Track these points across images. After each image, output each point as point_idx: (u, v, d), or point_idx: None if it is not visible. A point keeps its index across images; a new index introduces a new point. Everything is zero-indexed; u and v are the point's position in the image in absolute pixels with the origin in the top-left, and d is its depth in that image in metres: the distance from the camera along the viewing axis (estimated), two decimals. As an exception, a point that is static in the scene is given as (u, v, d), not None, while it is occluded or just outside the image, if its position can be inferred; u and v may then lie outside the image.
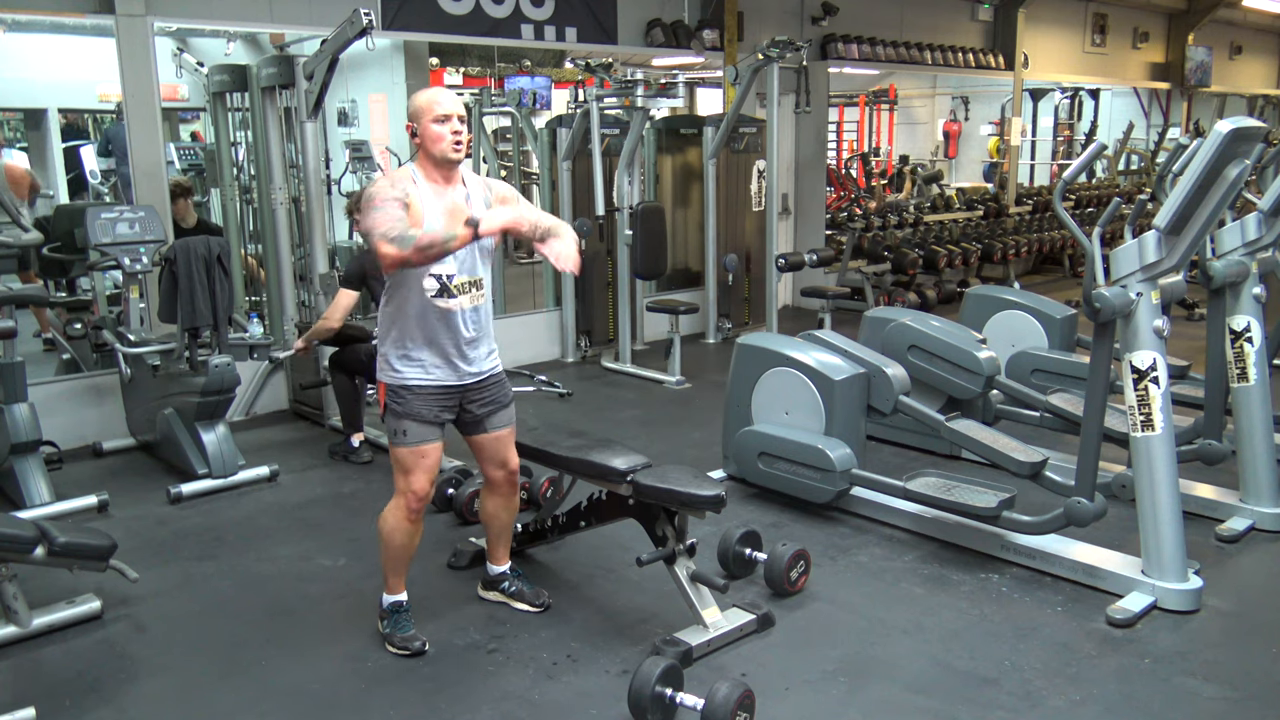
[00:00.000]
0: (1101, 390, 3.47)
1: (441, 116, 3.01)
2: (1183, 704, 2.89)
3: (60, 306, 6.45)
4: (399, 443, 3.12)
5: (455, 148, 3.03)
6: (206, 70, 6.86)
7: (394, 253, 2.81)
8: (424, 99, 3.05)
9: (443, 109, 3.02)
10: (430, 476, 3.16)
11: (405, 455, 3.12)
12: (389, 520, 3.18)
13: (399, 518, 3.16)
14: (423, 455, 3.12)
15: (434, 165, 3.06)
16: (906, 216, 9.50)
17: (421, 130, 3.03)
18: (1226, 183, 3.27)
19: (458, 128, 3.03)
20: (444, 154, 3.03)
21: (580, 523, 3.58)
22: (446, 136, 3.01)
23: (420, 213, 2.98)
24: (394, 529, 3.17)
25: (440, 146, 3.02)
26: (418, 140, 3.05)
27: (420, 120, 3.03)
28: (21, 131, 7.95)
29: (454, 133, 3.02)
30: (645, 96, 6.61)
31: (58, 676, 3.12)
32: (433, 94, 3.08)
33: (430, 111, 3.01)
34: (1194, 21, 12.76)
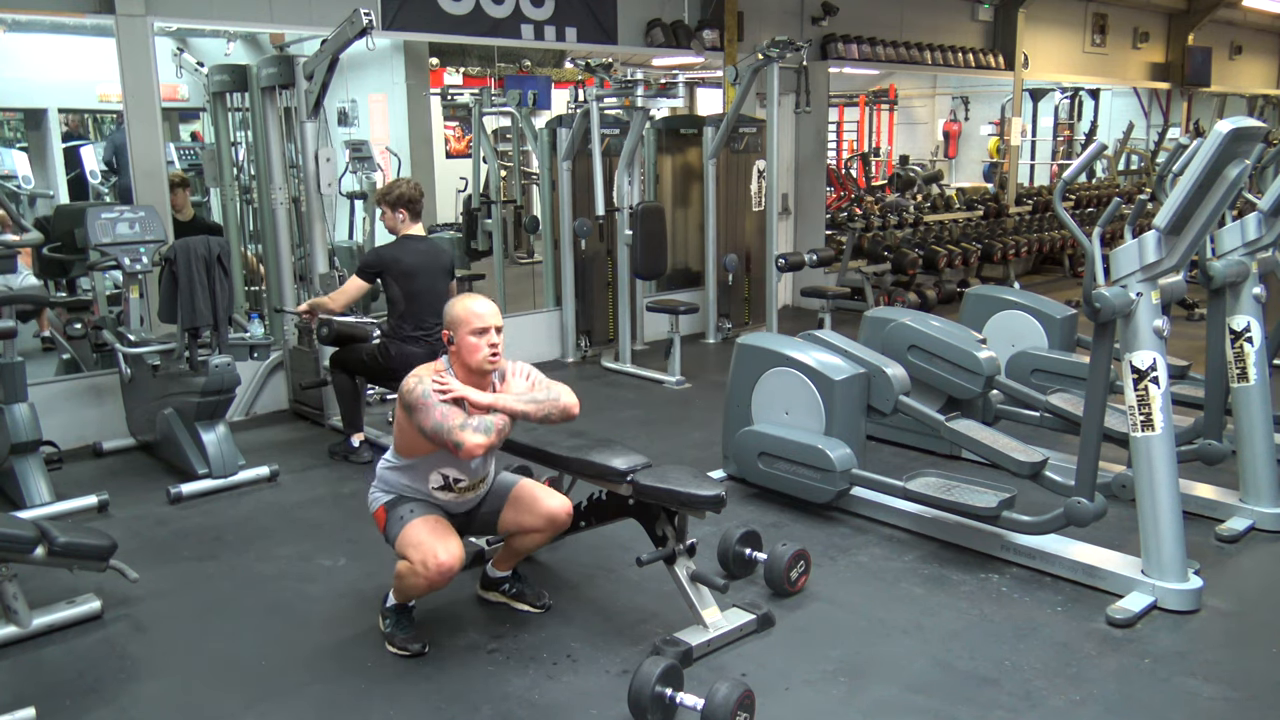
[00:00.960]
0: (1101, 390, 3.47)
1: (480, 329, 3.03)
2: (1183, 704, 2.89)
3: (60, 306, 6.45)
4: (405, 523, 3.07)
5: (492, 360, 3.06)
6: (206, 70, 6.86)
7: (485, 441, 2.91)
8: (461, 310, 3.06)
9: (481, 322, 3.03)
10: (450, 548, 3.01)
11: (418, 529, 3.06)
12: (406, 578, 3.08)
13: (418, 584, 3.05)
14: (435, 523, 3.09)
15: (468, 372, 3.08)
16: (906, 216, 9.49)
17: (459, 340, 3.05)
18: (1226, 183, 3.27)
19: (495, 340, 3.05)
20: (480, 365, 3.06)
21: (580, 523, 3.58)
22: (484, 349, 3.04)
23: None
24: (410, 587, 3.10)
25: (477, 358, 3.04)
26: (454, 348, 3.07)
27: (457, 330, 3.05)
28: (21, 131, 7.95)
29: (491, 345, 3.04)
30: (645, 96, 6.61)
31: (58, 676, 3.12)
32: (470, 305, 3.07)
33: (469, 323, 3.03)
34: (1194, 21, 12.76)
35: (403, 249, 4.73)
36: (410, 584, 3.07)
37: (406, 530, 3.07)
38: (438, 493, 3.19)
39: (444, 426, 2.90)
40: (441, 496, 3.20)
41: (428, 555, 2.99)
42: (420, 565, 2.99)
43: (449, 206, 8.96)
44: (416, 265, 4.70)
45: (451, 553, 3.01)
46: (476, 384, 3.08)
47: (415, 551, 3.02)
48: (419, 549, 3.01)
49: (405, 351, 4.63)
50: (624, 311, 7.17)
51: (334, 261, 6.16)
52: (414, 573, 3.02)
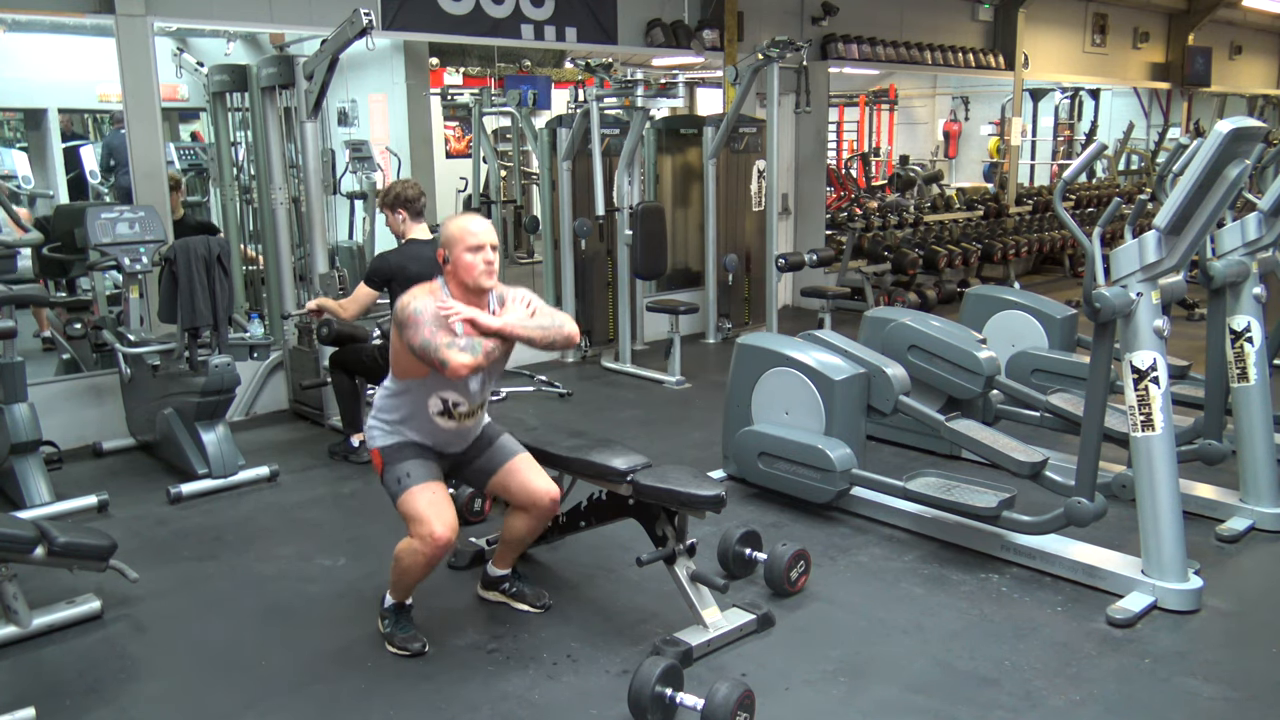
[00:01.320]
0: (1101, 390, 3.47)
1: (475, 246, 3.03)
2: (1183, 704, 2.89)
3: (60, 306, 6.45)
4: (404, 488, 3.08)
5: (487, 275, 3.06)
6: (206, 70, 6.86)
7: (469, 361, 2.91)
8: (455, 228, 3.06)
9: (476, 239, 3.03)
10: (448, 522, 3.04)
11: (413, 497, 3.07)
12: (405, 558, 3.10)
13: (417, 562, 3.07)
14: (432, 492, 3.09)
15: (464, 291, 3.08)
16: (906, 216, 9.49)
17: (454, 258, 3.05)
18: (1226, 183, 3.27)
19: (490, 257, 3.05)
20: (477, 282, 3.05)
21: (580, 523, 3.58)
22: (479, 265, 3.04)
23: None
24: (409, 568, 3.11)
25: (474, 275, 3.04)
26: (449, 267, 3.07)
27: (452, 249, 3.05)
28: (21, 131, 7.95)
29: (486, 261, 3.04)
30: (645, 96, 6.61)
31: (58, 676, 3.12)
32: (464, 223, 3.08)
33: (463, 241, 3.03)
34: (1194, 21, 12.76)
35: (408, 256, 4.62)
36: (409, 563, 3.09)
37: (407, 497, 3.08)
38: (439, 420, 3.14)
39: (431, 344, 2.91)
40: (442, 424, 3.15)
41: (427, 531, 3.01)
42: (419, 541, 3.03)
43: (449, 207, 8.96)
44: (423, 272, 4.54)
45: (448, 524, 3.04)
46: (473, 304, 3.07)
47: (416, 526, 3.04)
48: (420, 523, 3.03)
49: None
50: (624, 311, 7.17)
51: (334, 261, 6.16)
52: (413, 550, 3.05)
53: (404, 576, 3.15)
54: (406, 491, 3.08)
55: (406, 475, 3.10)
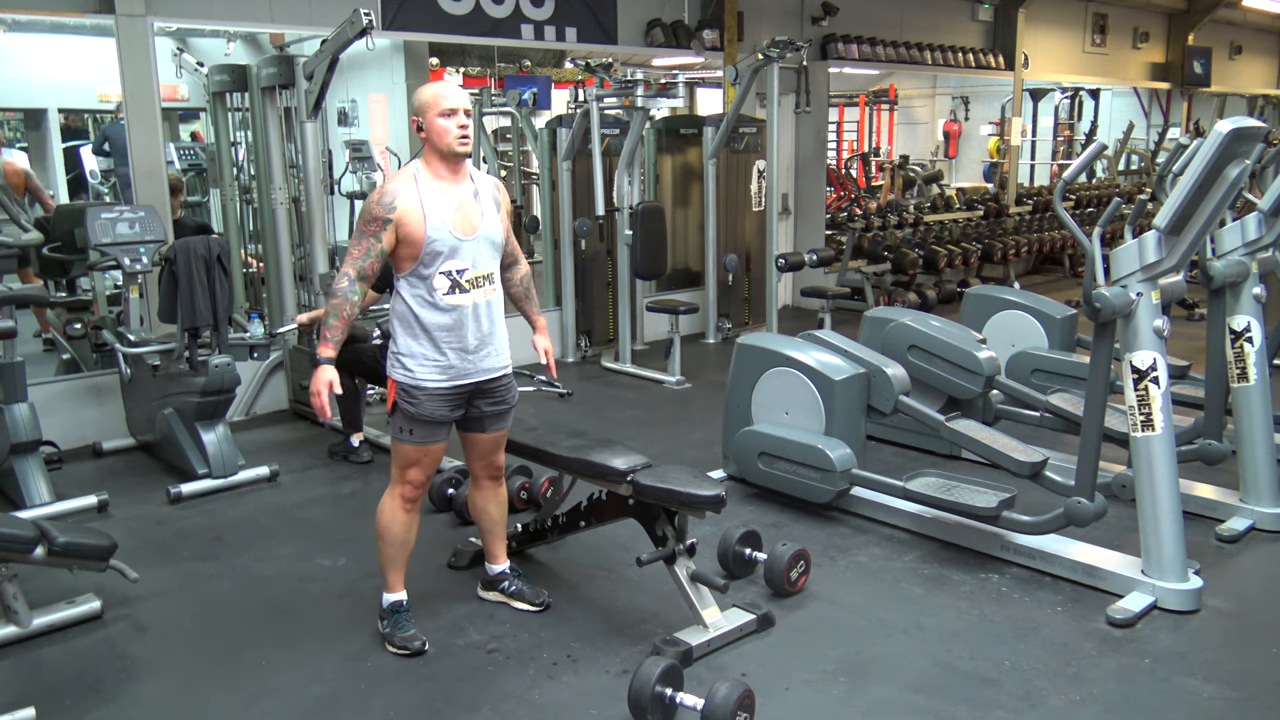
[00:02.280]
0: (1101, 390, 3.47)
1: (448, 110, 3.01)
2: (1183, 704, 2.89)
3: (60, 306, 6.46)
4: (403, 440, 3.14)
5: (462, 141, 3.03)
6: (206, 70, 6.86)
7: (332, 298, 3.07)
8: (429, 93, 3.05)
9: (449, 103, 3.02)
10: (429, 472, 3.22)
11: (408, 451, 3.15)
12: (385, 512, 3.21)
13: (394, 507, 3.19)
14: (425, 453, 3.16)
15: (440, 160, 3.06)
16: (906, 216, 9.49)
17: (427, 124, 3.02)
18: (1226, 183, 3.27)
19: (464, 121, 3.03)
20: (450, 147, 3.02)
21: (580, 523, 3.58)
22: (453, 130, 3.01)
23: (420, 215, 2.98)
24: (390, 520, 3.20)
25: (447, 140, 3.01)
26: (424, 135, 3.05)
27: (426, 114, 3.02)
28: (21, 131, 7.95)
29: (460, 126, 3.02)
30: (645, 96, 6.61)
31: (58, 676, 3.12)
32: (438, 88, 3.08)
33: (436, 105, 3.01)
34: (1194, 21, 12.76)
35: None
36: (388, 520, 3.18)
37: (401, 446, 3.15)
38: (451, 298, 3.04)
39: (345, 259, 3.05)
40: (457, 302, 3.05)
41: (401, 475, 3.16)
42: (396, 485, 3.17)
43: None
44: None
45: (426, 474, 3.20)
46: (450, 170, 3.05)
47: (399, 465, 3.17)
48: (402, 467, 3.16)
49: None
50: (624, 311, 7.17)
51: (334, 261, 6.16)
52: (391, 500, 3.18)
53: (387, 532, 3.20)
54: (404, 443, 3.15)
55: (409, 432, 3.13)
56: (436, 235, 2.99)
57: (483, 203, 3.11)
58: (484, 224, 3.09)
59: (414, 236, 2.99)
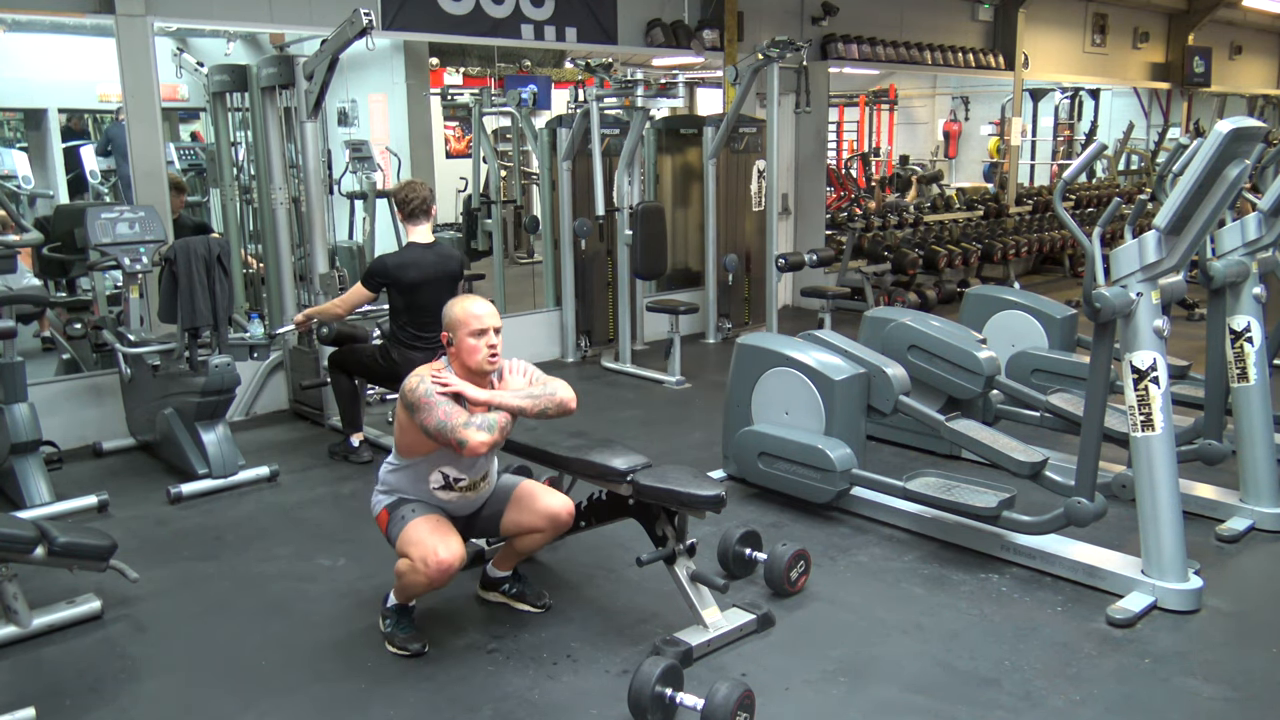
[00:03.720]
0: (1101, 390, 3.47)
1: (478, 330, 3.04)
2: (1183, 704, 2.89)
3: (60, 306, 6.45)
4: (406, 522, 3.08)
5: (491, 361, 3.07)
6: (206, 70, 6.86)
7: (489, 439, 2.92)
8: (460, 311, 3.06)
9: (480, 324, 3.04)
10: (449, 544, 3.02)
11: (414, 526, 3.07)
12: (405, 576, 3.08)
13: (417, 581, 3.05)
14: (436, 523, 3.09)
15: (468, 373, 3.09)
16: (906, 216, 9.49)
17: (457, 341, 3.06)
18: (1226, 183, 3.27)
19: (494, 341, 3.06)
20: (480, 367, 3.07)
21: (580, 523, 3.57)
22: (483, 350, 3.05)
23: None
24: (410, 584, 3.09)
25: (476, 359, 3.05)
26: (453, 350, 3.08)
27: (456, 332, 3.06)
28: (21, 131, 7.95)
29: (490, 346, 3.05)
30: (645, 96, 6.61)
31: (58, 676, 3.12)
32: (468, 307, 3.08)
33: (467, 325, 3.04)
34: (1194, 21, 12.76)
35: (408, 260, 4.57)
36: (410, 581, 3.07)
37: (407, 529, 3.08)
38: (439, 493, 3.18)
39: (448, 425, 2.91)
40: (443, 496, 3.19)
41: (428, 553, 2.99)
42: (420, 563, 2.99)
43: (449, 207, 8.96)
44: (421, 279, 4.54)
45: (452, 550, 3.01)
46: (476, 384, 3.09)
47: (415, 549, 3.02)
48: (419, 546, 3.01)
49: (406, 356, 4.58)
50: (624, 311, 7.17)
51: (334, 261, 6.16)
52: (414, 570, 3.03)
53: (406, 590, 3.16)
54: (407, 525, 3.08)
55: (411, 512, 3.11)
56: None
57: None
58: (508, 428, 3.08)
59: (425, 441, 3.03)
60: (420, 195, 4.61)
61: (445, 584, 3.08)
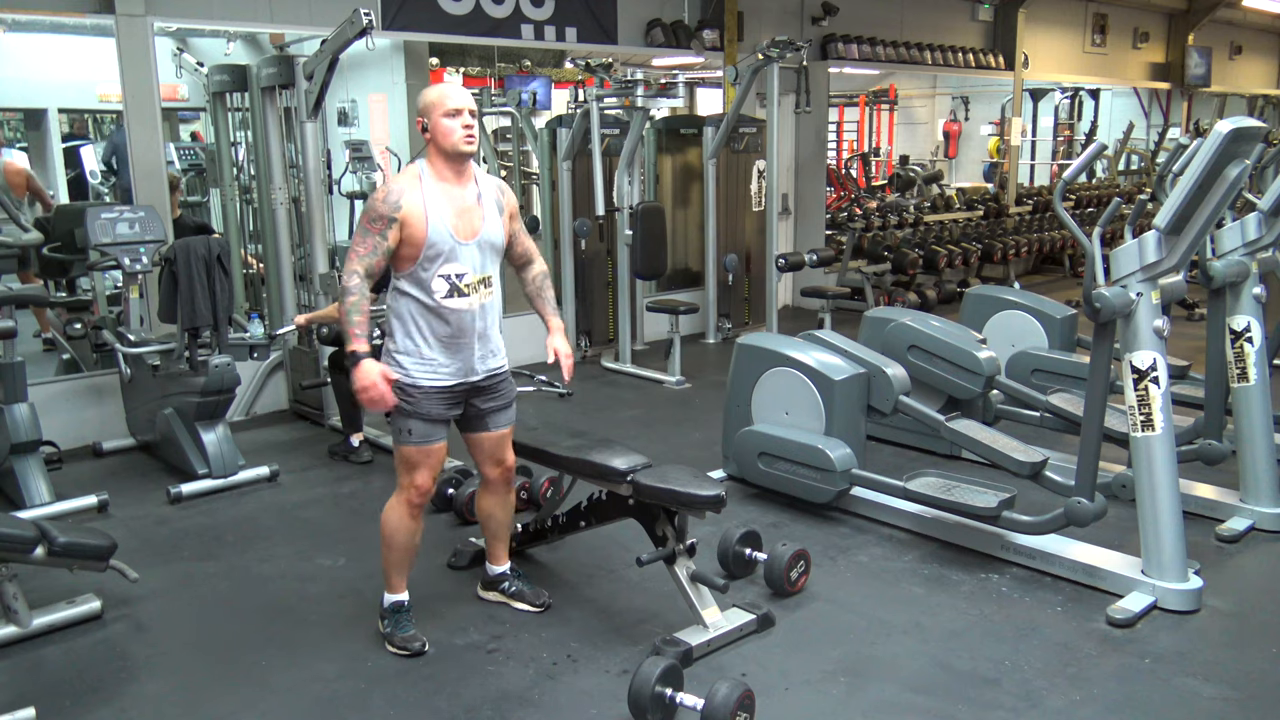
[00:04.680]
0: (1101, 390, 3.47)
1: (453, 110, 3.01)
2: (1183, 704, 2.89)
3: (60, 306, 6.45)
4: (404, 441, 3.14)
5: (468, 140, 3.04)
6: (206, 70, 6.86)
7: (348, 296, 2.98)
8: (434, 94, 3.07)
9: (454, 103, 3.02)
10: (434, 473, 3.20)
11: (411, 453, 3.15)
12: (391, 517, 3.20)
13: (401, 514, 3.18)
14: (428, 454, 3.15)
15: (445, 161, 3.05)
16: (906, 217, 9.49)
17: (432, 125, 3.02)
18: (1226, 183, 3.27)
19: (469, 121, 3.04)
20: (456, 147, 3.02)
21: (580, 523, 3.58)
22: (458, 130, 3.01)
23: (423, 216, 2.98)
24: (397, 527, 3.19)
25: (452, 140, 3.01)
26: (428, 136, 3.05)
27: (431, 115, 3.02)
28: (21, 131, 7.95)
29: (465, 126, 3.02)
30: (645, 96, 6.60)
31: (58, 676, 3.12)
32: (443, 88, 3.11)
33: (442, 105, 3.02)
34: (1194, 21, 12.76)
35: None
36: (395, 524, 3.17)
37: (405, 450, 3.15)
38: (447, 303, 3.04)
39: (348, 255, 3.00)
40: (454, 306, 3.05)
41: (409, 481, 3.14)
42: (402, 490, 3.16)
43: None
44: None
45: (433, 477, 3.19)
46: (455, 170, 3.05)
47: (405, 469, 3.16)
48: (408, 474, 3.15)
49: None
50: (624, 311, 7.17)
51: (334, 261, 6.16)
52: (397, 504, 3.17)
53: (393, 539, 3.19)
54: (405, 444, 3.15)
55: (408, 432, 3.13)
56: (437, 238, 2.99)
57: (485, 206, 3.12)
58: (485, 228, 3.09)
59: (415, 237, 2.99)
60: None
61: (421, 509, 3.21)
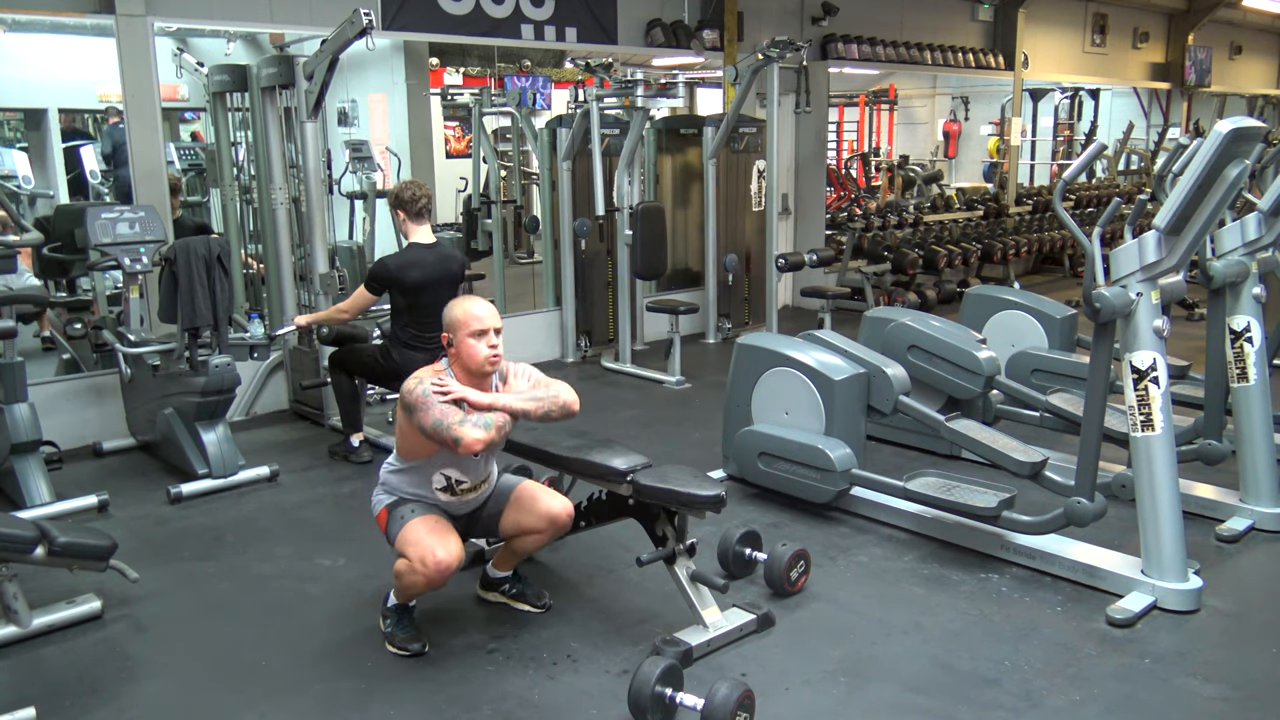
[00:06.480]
0: (1101, 390, 3.47)
1: (479, 331, 3.03)
2: (1183, 704, 2.89)
3: (60, 306, 6.45)
4: (405, 522, 3.08)
5: (492, 362, 3.06)
6: (206, 70, 6.86)
7: (485, 436, 2.90)
8: (460, 312, 3.06)
9: (480, 324, 3.03)
10: (449, 546, 3.02)
11: (412, 527, 3.07)
12: (405, 576, 3.08)
13: (416, 582, 3.05)
14: (435, 522, 3.09)
15: (468, 376, 3.08)
16: (906, 217, 9.49)
17: (458, 343, 3.05)
18: (1226, 183, 3.27)
19: (495, 341, 3.05)
20: (481, 368, 3.06)
21: (580, 523, 3.57)
22: (483, 351, 3.03)
23: None
24: (409, 585, 3.09)
25: (478, 361, 3.04)
26: (453, 351, 3.07)
27: (457, 333, 3.05)
28: (21, 131, 7.94)
29: (491, 346, 3.04)
30: (645, 96, 6.60)
31: (58, 676, 3.12)
32: (468, 308, 3.07)
33: (468, 326, 3.03)
34: (1194, 21, 12.76)
35: (410, 261, 4.57)
36: (409, 582, 3.07)
37: (406, 529, 3.08)
38: (440, 494, 3.18)
39: (443, 423, 2.90)
40: (444, 499, 3.19)
41: (426, 553, 2.99)
42: (419, 563, 2.99)
43: (449, 206, 8.96)
44: (423, 280, 4.55)
45: (450, 551, 3.01)
46: (477, 386, 3.08)
47: (414, 549, 3.02)
48: (417, 546, 3.01)
49: (407, 357, 4.58)
50: (624, 311, 7.17)
51: (334, 261, 6.16)
52: (412, 570, 3.02)
53: (406, 591, 3.15)
54: (406, 525, 3.08)
55: (411, 512, 3.11)
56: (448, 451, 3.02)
57: None
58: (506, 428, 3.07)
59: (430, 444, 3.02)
60: (425, 194, 4.66)
61: (443, 584, 3.07)
